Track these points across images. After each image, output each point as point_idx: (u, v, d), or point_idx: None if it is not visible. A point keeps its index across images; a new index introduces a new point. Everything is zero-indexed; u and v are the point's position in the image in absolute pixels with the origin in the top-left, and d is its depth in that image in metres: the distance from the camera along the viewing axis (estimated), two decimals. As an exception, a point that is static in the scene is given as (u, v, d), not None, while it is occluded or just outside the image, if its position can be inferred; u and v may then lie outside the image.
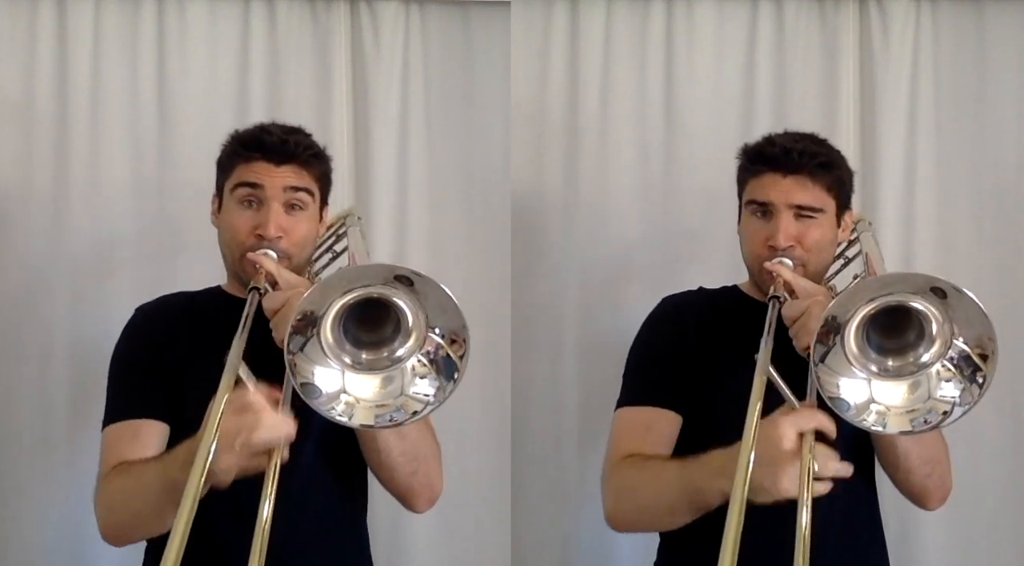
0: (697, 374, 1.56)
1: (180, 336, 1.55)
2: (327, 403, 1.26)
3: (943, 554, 2.22)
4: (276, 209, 1.51)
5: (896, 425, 1.25)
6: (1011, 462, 2.23)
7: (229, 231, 1.55)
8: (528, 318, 2.26)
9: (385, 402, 1.28)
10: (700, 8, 2.28)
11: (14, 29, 2.17)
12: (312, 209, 1.57)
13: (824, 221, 1.56)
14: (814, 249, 1.55)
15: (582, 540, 2.25)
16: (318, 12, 2.25)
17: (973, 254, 2.24)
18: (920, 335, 1.26)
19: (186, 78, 2.21)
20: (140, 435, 1.48)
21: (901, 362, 1.27)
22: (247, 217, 1.52)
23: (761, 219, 1.56)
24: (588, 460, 2.24)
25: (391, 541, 2.17)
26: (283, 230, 1.51)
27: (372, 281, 1.25)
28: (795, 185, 1.54)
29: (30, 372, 2.15)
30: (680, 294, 1.70)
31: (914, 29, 2.26)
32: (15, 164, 2.16)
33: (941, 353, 1.25)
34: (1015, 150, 2.26)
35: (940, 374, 1.25)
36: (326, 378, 1.27)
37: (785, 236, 1.52)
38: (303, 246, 1.56)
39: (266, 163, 1.52)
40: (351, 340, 1.29)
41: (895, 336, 1.27)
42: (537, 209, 2.29)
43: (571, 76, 2.29)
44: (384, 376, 1.29)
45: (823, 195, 1.55)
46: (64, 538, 2.14)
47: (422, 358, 1.28)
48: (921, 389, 1.25)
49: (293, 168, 1.53)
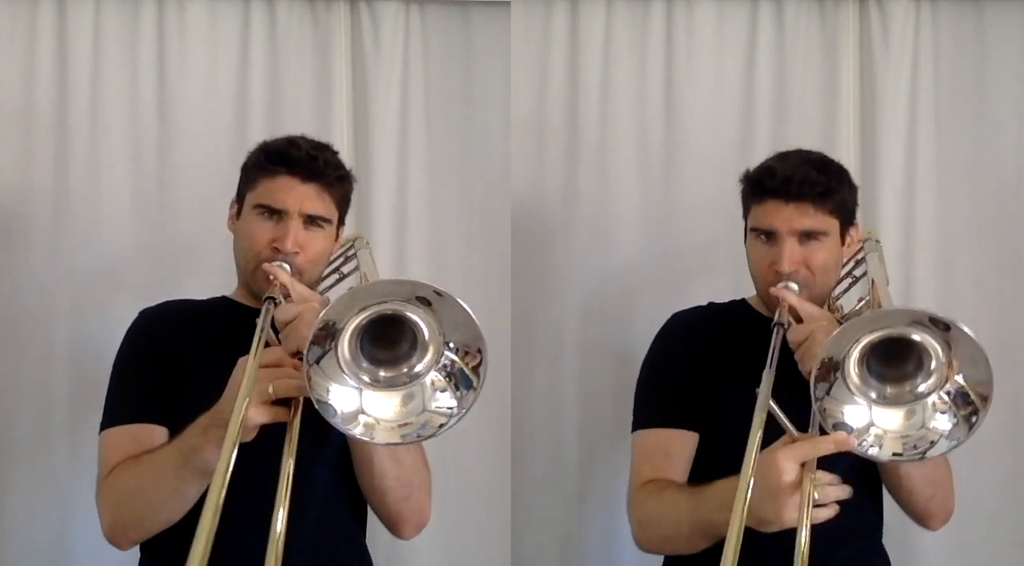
0: (709, 391, 1.58)
1: (184, 341, 1.55)
2: (344, 424, 1.25)
3: (943, 554, 2.22)
4: (296, 225, 1.51)
5: (891, 448, 1.28)
6: (1011, 462, 2.22)
7: (247, 240, 1.55)
8: (528, 320, 2.26)
9: (408, 420, 1.27)
10: (700, 8, 2.28)
11: (14, 29, 2.16)
12: (330, 229, 1.58)
13: (829, 243, 1.57)
14: (819, 271, 1.56)
15: (582, 540, 2.25)
16: (318, 12, 2.25)
17: (973, 254, 2.24)
18: (918, 367, 1.28)
19: (186, 78, 2.20)
20: (140, 439, 1.47)
21: (898, 390, 1.29)
22: (266, 228, 1.53)
23: (766, 243, 1.57)
24: (588, 460, 2.24)
25: (391, 541, 2.16)
26: (300, 246, 1.52)
27: (396, 297, 1.25)
28: (797, 212, 1.54)
29: (30, 373, 2.14)
30: (688, 310, 1.72)
31: (914, 29, 2.26)
32: (15, 165, 2.16)
33: (938, 385, 1.27)
34: (1015, 150, 2.26)
35: (936, 406, 1.28)
36: (342, 397, 1.26)
37: (790, 262, 1.54)
38: (316, 263, 1.57)
39: (290, 178, 1.53)
40: (367, 357, 1.28)
41: (895, 365, 1.30)
42: (537, 210, 2.29)
43: (571, 76, 2.29)
44: (405, 393, 1.28)
45: (826, 219, 1.56)
46: (64, 538, 2.14)
47: (440, 371, 1.28)
48: (916, 417, 1.28)
49: (317, 187, 1.53)
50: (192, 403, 1.39)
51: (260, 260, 1.51)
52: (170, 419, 1.48)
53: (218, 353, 1.39)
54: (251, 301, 1.54)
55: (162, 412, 1.49)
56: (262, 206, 1.53)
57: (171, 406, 1.49)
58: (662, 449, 1.58)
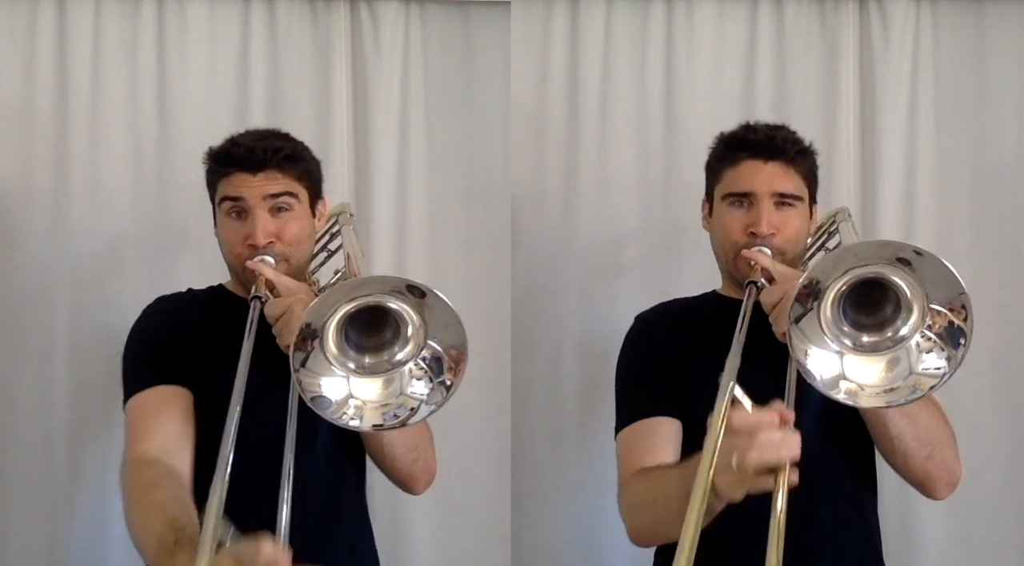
0: (685, 380, 1.56)
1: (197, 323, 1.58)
2: (337, 411, 1.31)
3: (943, 552, 2.22)
4: (261, 216, 1.53)
5: (870, 403, 1.24)
6: (1010, 461, 2.22)
7: (225, 244, 1.58)
8: (528, 318, 2.26)
9: (388, 401, 1.33)
10: (700, 8, 2.28)
11: (14, 29, 2.17)
12: (300, 208, 1.58)
13: (802, 211, 1.58)
14: (792, 239, 1.56)
15: (582, 540, 2.25)
16: (318, 12, 2.25)
17: (973, 254, 2.24)
18: (897, 307, 1.24)
19: (186, 78, 2.21)
20: (164, 400, 1.49)
21: (878, 338, 1.25)
22: (237, 228, 1.55)
23: (740, 208, 1.56)
24: (588, 460, 2.24)
25: (391, 541, 2.17)
26: (272, 234, 1.54)
27: (371, 292, 1.29)
28: (776, 171, 1.55)
29: (30, 372, 2.15)
30: (651, 309, 1.71)
31: (914, 29, 2.26)
32: (15, 164, 2.16)
33: (919, 323, 1.22)
34: (1015, 150, 2.26)
35: (920, 346, 1.23)
36: (333, 387, 1.31)
37: (768, 223, 1.53)
38: (298, 244, 1.57)
39: (243, 173, 1.55)
40: (353, 346, 1.33)
41: (871, 313, 1.26)
42: (537, 208, 2.29)
43: (571, 76, 2.29)
44: (385, 379, 1.34)
45: (801, 183, 1.57)
46: (64, 538, 2.14)
47: (420, 363, 1.33)
48: (901, 365, 1.23)
49: (269, 174, 1.55)
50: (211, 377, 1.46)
51: (242, 260, 1.54)
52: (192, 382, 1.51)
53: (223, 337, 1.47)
54: (244, 291, 1.56)
55: (182, 374, 1.51)
56: (227, 203, 1.56)
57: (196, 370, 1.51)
58: (647, 436, 1.54)
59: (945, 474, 1.48)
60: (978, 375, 2.18)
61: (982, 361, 2.17)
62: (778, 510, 1.13)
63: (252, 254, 1.52)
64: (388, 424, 1.34)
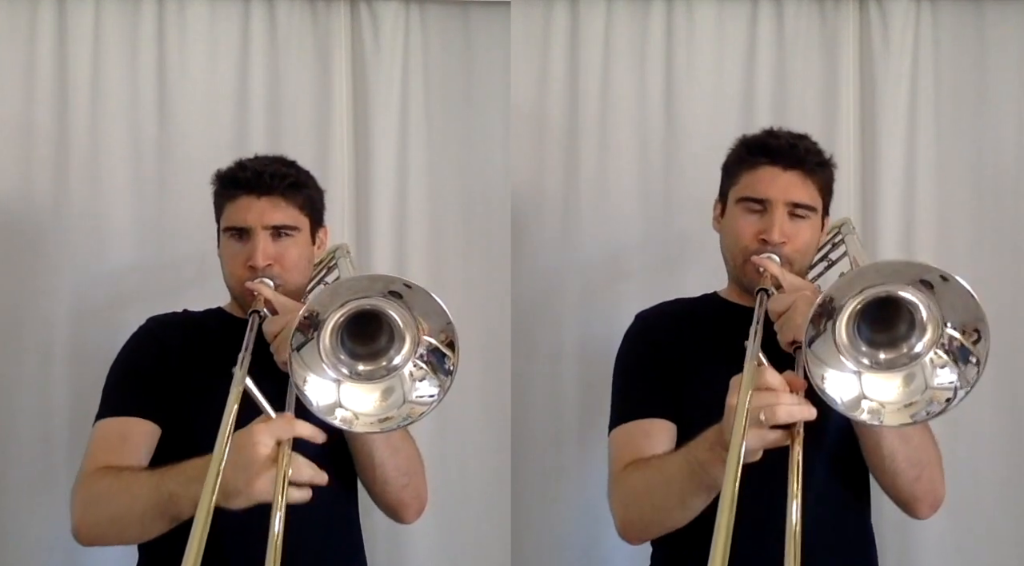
0: (683, 383, 1.55)
1: (185, 349, 1.59)
2: (321, 416, 1.28)
3: (942, 553, 2.22)
4: (262, 238, 1.57)
5: (895, 420, 1.23)
6: (1011, 462, 2.22)
7: (227, 266, 1.62)
8: (528, 318, 2.26)
9: (390, 414, 1.30)
10: (700, 8, 2.28)
11: (14, 29, 2.17)
12: (300, 235, 1.61)
13: (815, 222, 1.58)
14: (802, 249, 1.56)
15: (582, 540, 2.25)
16: (318, 12, 2.25)
17: (973, 254, 2.24)
18: (911, 326, 1.23)
19: (186, 78, 2.21)
20: (129, 432, 1.51)
21: (894, 354, 1.24)
22: (238, 250, 1.58)
23: (753, 213, 1.56)
24: (588, 460, 2.24)
25: (391, 542, 2.17)
26: (272, 258, 1.57)
27: (373, 291, 1.28)
28: (794, 181, 1.55)
29: (30, 372, 2.15)
30: (651, 308, 1.71)
31: (914, 29, 2.26)
32: (15, 165, 2.16)
33: (933, 342, 1.22)
34: (1015, 150, 2.26)
35: (934, 362, 1.22)
36: (319, 389, 1.28)
37: (780, 232, 1.53)
38: (296, 270, 1.60)
39: (248, 197, 1.58)
40: (347, 352, 1.31)
41: (885, 330, 1.25)
42: (537, 209, 2.29)
43: (571, 76, 2.29)
44: (384, 387, 1.31)
45: (816, 195, 1.57)
46: (64, 538, 2.12)
47: (418, 362, 1.30)
48: (916, 381, 1.23)
49: (273, 200, 1.58)
50: (186, 407, 1.48)
51: (242, 282, 1.56)
52: (166, 417, 1.53)
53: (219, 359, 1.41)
54: (243, 314, 1.57)
55: (156, 409, 1.53)
56: (230, 229, 1.59)
57: (168, 404, 1.54)
58: (640, 436, 1.53)
59: (930, 495, 1.49)
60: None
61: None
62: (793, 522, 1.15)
63: (252, 276, 1.55)
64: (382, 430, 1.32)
